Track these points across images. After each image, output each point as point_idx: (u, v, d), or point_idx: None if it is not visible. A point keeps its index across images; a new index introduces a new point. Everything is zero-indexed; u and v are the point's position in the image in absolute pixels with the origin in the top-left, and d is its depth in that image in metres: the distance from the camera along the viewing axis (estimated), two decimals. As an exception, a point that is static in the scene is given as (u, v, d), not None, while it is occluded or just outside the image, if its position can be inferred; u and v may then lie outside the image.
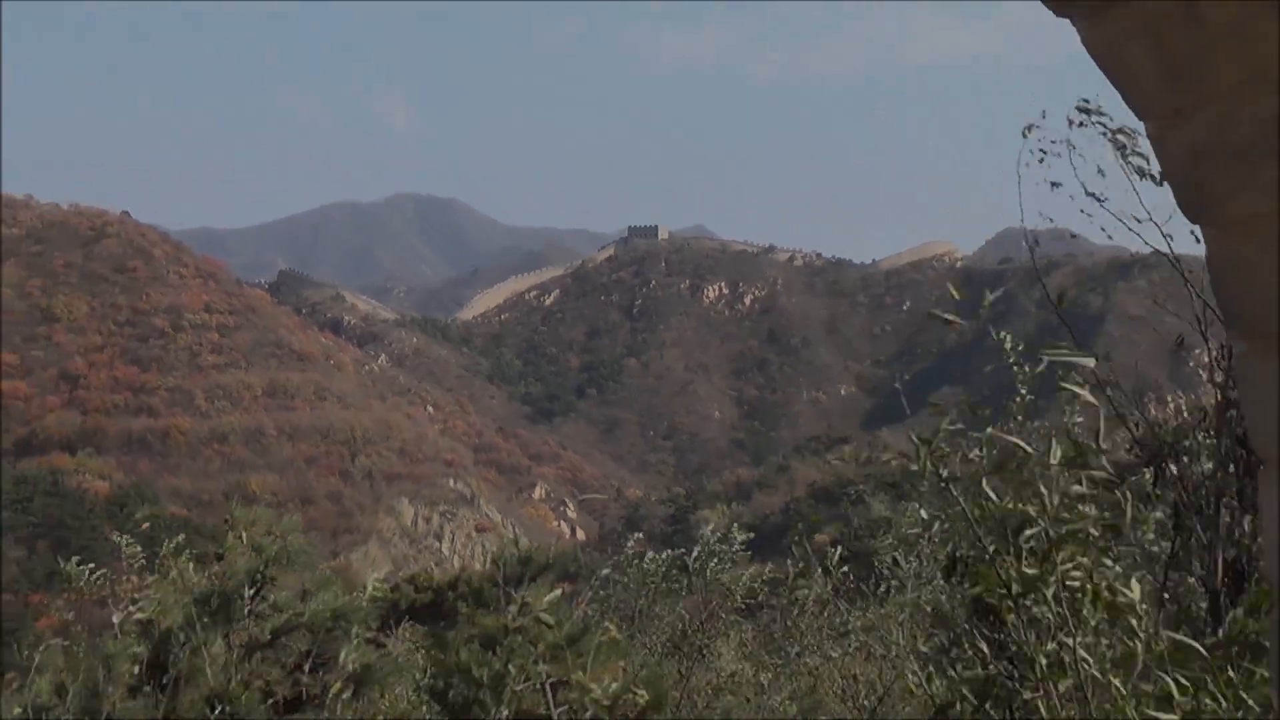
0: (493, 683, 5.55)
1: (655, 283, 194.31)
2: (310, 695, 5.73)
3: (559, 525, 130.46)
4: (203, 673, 5.58)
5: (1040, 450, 3.15)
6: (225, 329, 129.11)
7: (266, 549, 5.89)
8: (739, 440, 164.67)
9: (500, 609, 5.71)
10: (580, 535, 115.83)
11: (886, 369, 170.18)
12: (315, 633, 5.85)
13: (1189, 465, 3.90)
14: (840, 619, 7.70)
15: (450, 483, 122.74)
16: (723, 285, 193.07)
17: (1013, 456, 3.19)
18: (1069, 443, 3.20)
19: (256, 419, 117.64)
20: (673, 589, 8.77)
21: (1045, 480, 3.15)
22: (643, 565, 8.98)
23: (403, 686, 6.60)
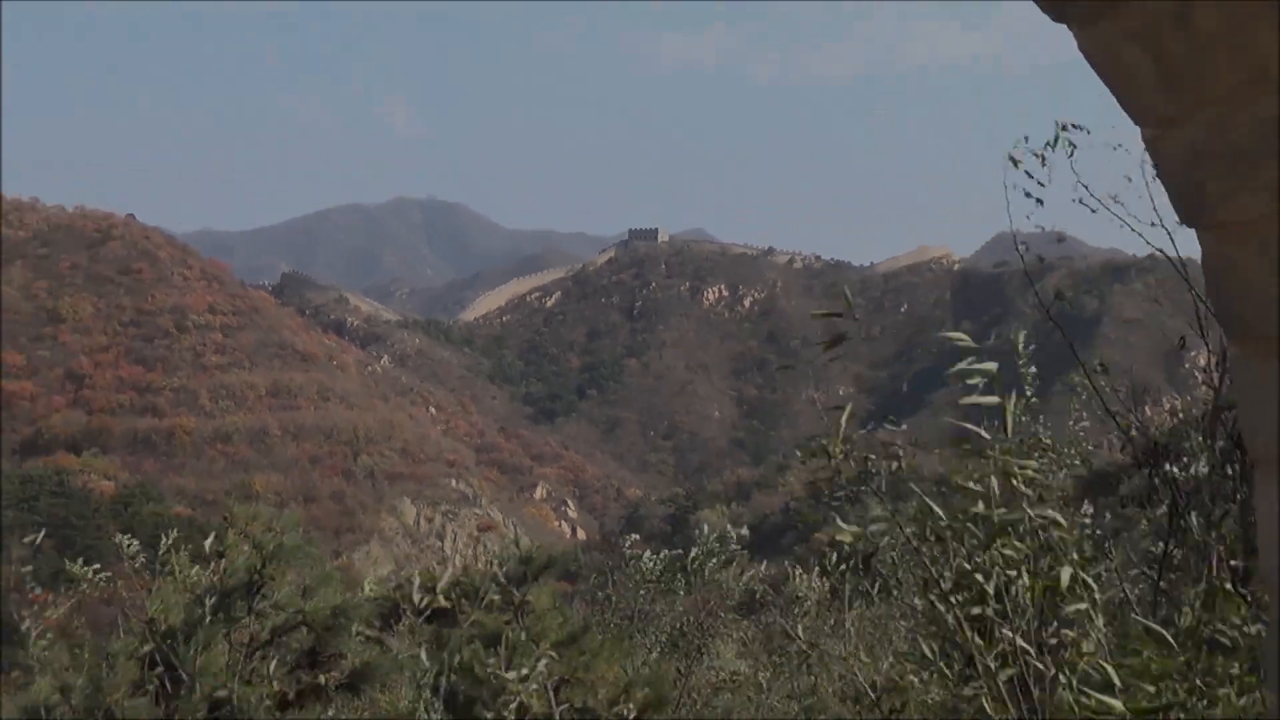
0: (494, 680, 5.63)
1: (655, 285, 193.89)
2: (311, 693, 5.72)
3: (560, 525, 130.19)
4: (204, 671, 5.57)
5: (992, 441, 3.04)
6: (229, 330, 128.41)
7: (266, 546, 5.86)
8: (739, 440, 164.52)
9: (502, 608, 5.92)
10: (581, 535, 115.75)
11: (884, 370, 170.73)
12: (316, 630, 5.81)
13: (1187, 466, 3.91)
14: (838, 618, 7.50)
15: (452, 482, 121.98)
16: (722, 287, 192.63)
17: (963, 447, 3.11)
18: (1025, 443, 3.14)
19: (260, 419, 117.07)
20: (671, 588, 8.83)
21: (995, 470, 3.07)
22: (640, 565, 9.07)
23: (404, 684, 6.53)
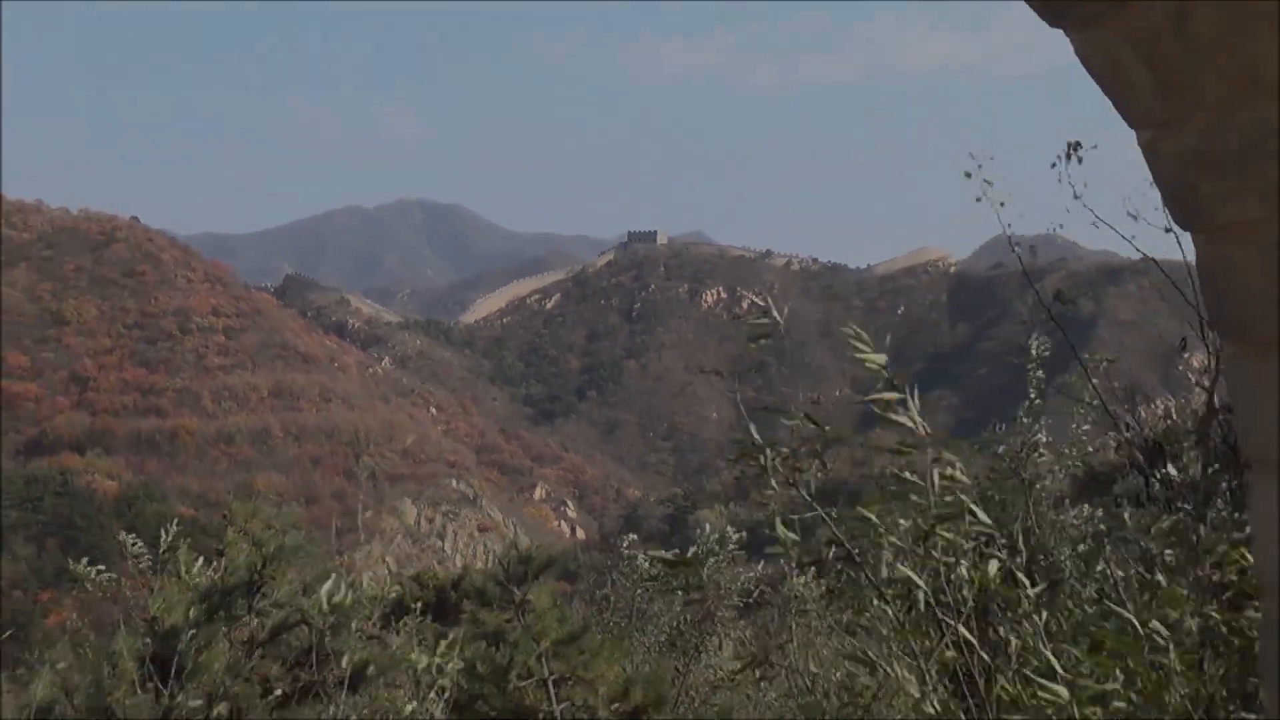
0: (495, 678, 5.76)
1: (654, 287, 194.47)
2: (310, 690, 5.72)
3: (560, 525, 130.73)
4: (205, 669, 5.58)
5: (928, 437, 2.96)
6: (232, 332, 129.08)
7: (266, 544, 5.87)
8: (737, 441, 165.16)
9: (503, 606, 6.03)
10: (580, 535, 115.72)
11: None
12: (315, 628, 5.77)
13: (1185, 466, 3.93)
14: (834, 618, 7.42)
15: (453, 483, 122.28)
16: (720, 290, 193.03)
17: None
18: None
19: (263, 420, 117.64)
20: (669, 588, 8.81)
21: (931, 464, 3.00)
22: (636, 565, 9.14)
23: (405, 682, 6.46)
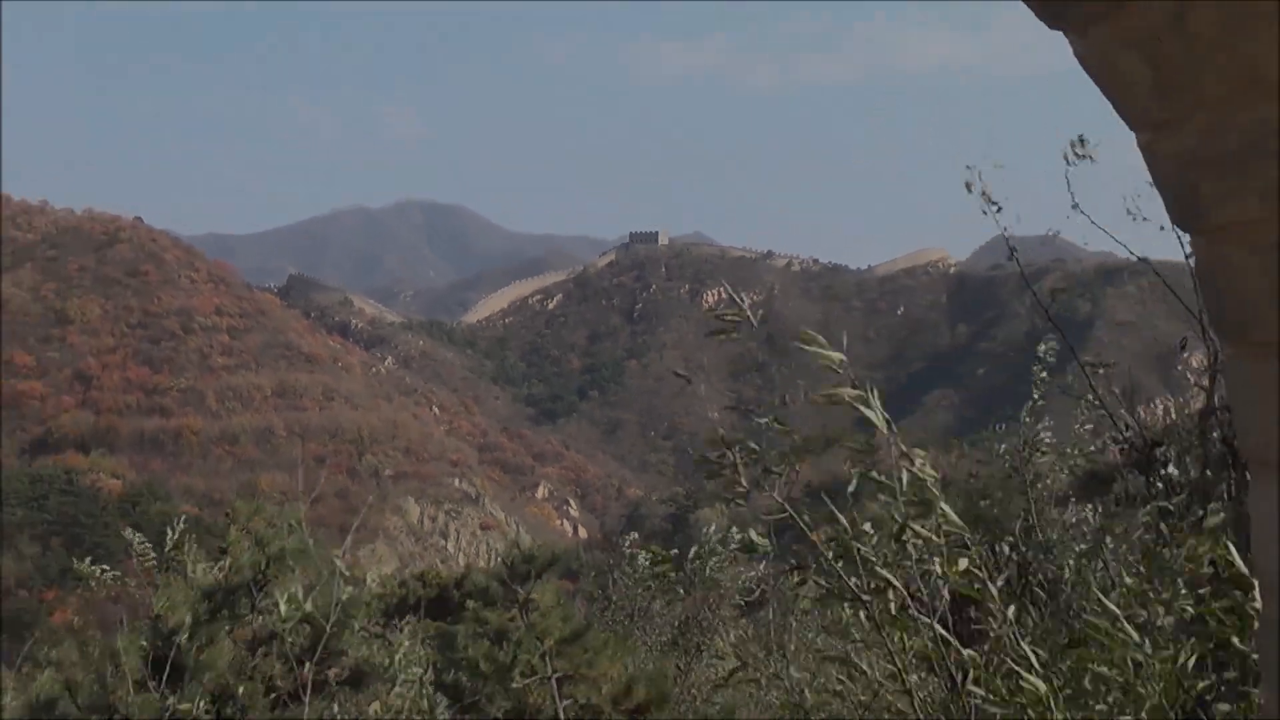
0: (498, 676, 5.75)
1: (655, 287, 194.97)
2: (312, 689, 5.72)
3: (561, 524, 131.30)
4: (208, 668, 5.57)
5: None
6: (236, 331, 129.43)
7: (270, 543, 5.86)
8: (738, 441, 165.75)
9: (506, 605, 6.03)
10: (582, 533, 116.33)
11: (880, 372, 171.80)
12: (317, 627, 5.76)
13: (1184, 466, 3.92)
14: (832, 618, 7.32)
15: (455, 482, 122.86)
16: (721, 290, 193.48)
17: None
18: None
19: (266, 419, 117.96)
20: (671, 587, 8.83)
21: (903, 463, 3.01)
22: (637, 564, 9.12)
23: (407, 680, 6.51)
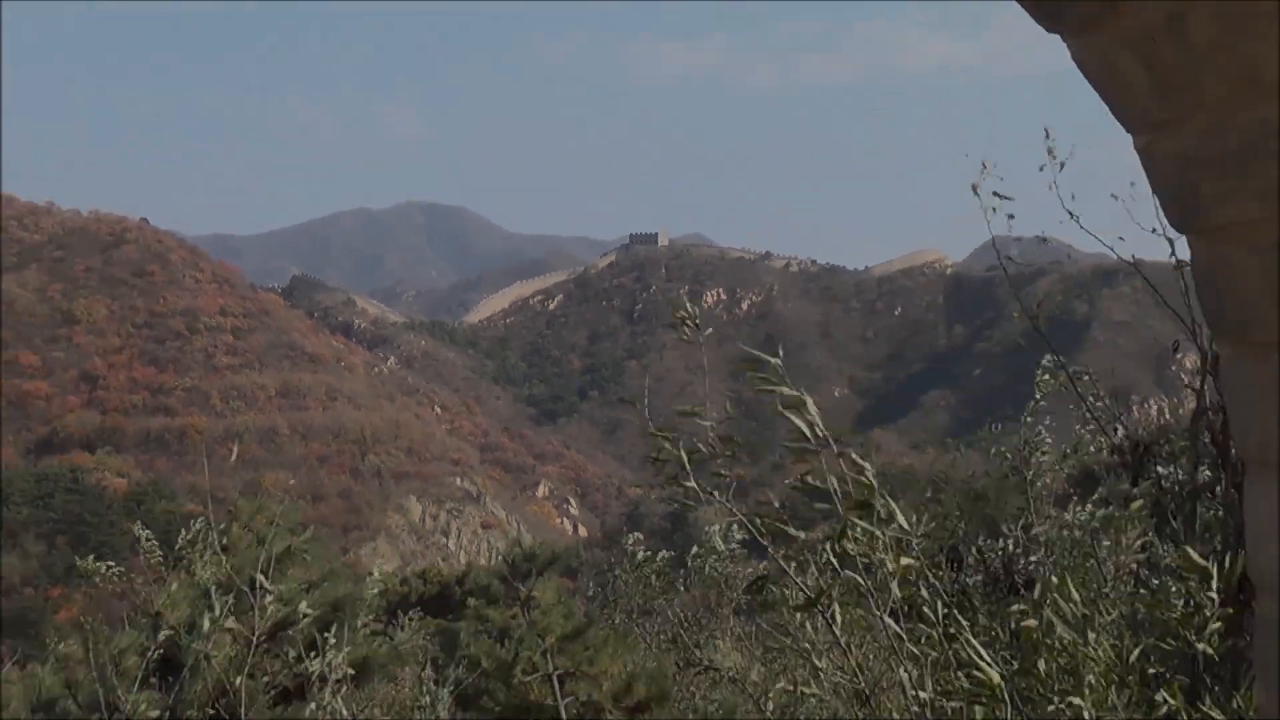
0: (500, 673, 5.78)
1: (655, 288, 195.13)
2: (311, 685, 5.69)
3: (562, 523, 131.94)
4: (209, 665, 5.57)
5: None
6: (240, 332, 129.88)
7: (271, 541, 5.86)
8: (737, 440, 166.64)
9: (508, 602, 6.14)
10: (583, 532, 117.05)
11: (878, 372, 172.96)
12: (318, 624, 5.80)
13: (1176, 467, 3.92)
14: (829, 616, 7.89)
15: (457, 481, 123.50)
16: (720, 291, 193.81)
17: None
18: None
19: (270, 419, 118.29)
20: (671, 585, 8.90)
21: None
22: (636, 562, 9.13)
23: (407, 676, 6.47)
